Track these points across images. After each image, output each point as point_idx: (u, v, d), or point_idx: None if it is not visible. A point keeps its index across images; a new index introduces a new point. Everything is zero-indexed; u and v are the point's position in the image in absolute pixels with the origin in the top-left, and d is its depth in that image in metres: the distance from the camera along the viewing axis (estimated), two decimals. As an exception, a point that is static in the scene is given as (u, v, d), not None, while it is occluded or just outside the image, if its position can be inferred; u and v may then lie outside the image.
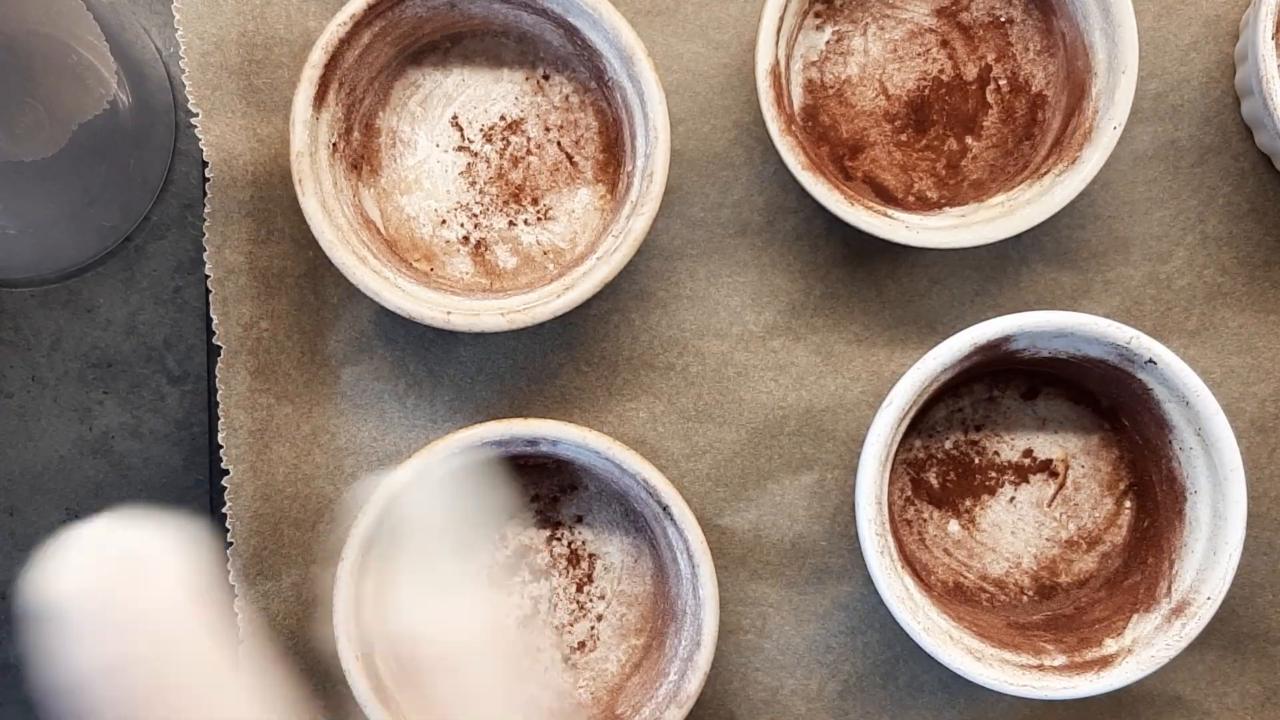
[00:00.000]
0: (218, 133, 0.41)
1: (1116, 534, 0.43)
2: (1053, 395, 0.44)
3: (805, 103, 0.43)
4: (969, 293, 0.43)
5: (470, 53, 0.43)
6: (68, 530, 0.27)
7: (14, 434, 0.44)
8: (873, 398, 0.43)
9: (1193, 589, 0.39)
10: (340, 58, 0.40)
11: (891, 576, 0.39)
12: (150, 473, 0.44)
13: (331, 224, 0.40)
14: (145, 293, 0.44)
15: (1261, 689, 0.44)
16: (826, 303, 0.43)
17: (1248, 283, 0.43)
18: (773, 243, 0.43)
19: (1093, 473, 0.44)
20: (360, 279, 0.39)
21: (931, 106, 0.43)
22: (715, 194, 0.43)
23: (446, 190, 0.43)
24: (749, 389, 0.43)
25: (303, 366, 0.42)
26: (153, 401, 0.44)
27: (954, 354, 0.39)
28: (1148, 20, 0.42)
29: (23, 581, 0.44)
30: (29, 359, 0.44)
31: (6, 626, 0.44)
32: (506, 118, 0.43)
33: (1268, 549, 0.43)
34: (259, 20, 0.41)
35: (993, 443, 0.43)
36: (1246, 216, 0.43)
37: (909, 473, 0.43)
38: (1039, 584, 0.43)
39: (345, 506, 0.42)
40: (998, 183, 0.43)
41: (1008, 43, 0.43)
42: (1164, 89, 0.43)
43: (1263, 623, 0.43)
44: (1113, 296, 0.43)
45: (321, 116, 0.40)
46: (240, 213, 0.41)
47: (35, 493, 0.44)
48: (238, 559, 0.41)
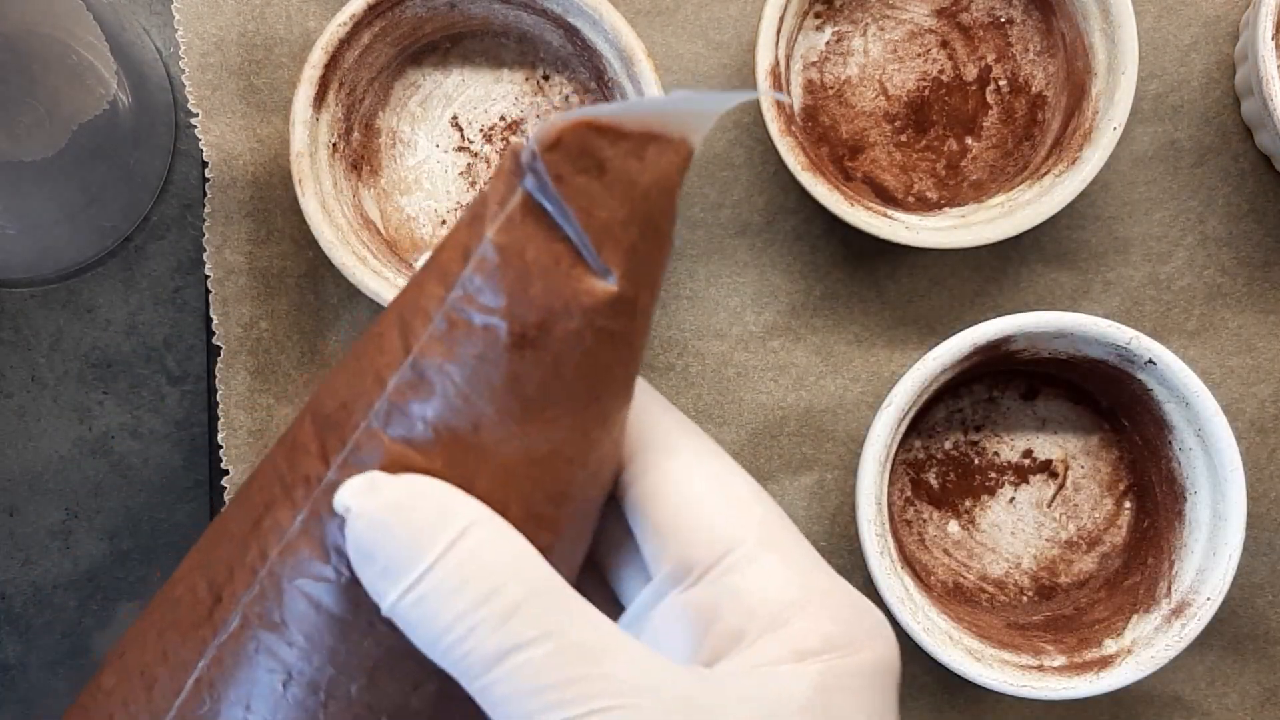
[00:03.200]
0: (218, 133, 0.41)
1: (1116, 534, 0.43)
2: (1053, 396, 0.44)
3: (805, 103, 0.43)
4: (969, 293, 0.43)
5: (470, 53, 0.43)
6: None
7: (14, 434, 0.44)
8: (873, 398, 0.43)
9: (1192, 589, 0.39)
10: (340, 58, 0.40)
11: (891, 577, 0.39)
12: (150, 473, 0.44)
13: (331, 224, 0.40)
14: (145, 293, 0.44)
15: (1261, 689, 0.44)
16: (826, 303, 0.43)
17: (1248, 283, 0.43)
18: (773, 243, 0.43)
19: (1092, 473, 0.44)
20: (360, 279, 0.39)
21: (931, 107, 0.43)
22: (715, 194, 0.43)
23: (447, 191, 0.43)
24: (749, 389, 0.43)
25: (303, 366, 0.42)
26: (153, 401, 0.44)
27: (954, 354, 0.39)
28: (1148, 21, 0.42)
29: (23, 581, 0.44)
30: (29, 359, 0.44)
31: (6, 626, 0.44)
32: (507, 118, 0.43)
33: (1268, 549, 0.43)
34: (259, 20, 0.41)
35: (992, 443, 0.44)
36: (1246, 217, 0.43)
37: (909, 473, 0.43)
38: (1039, 584, 0.43)
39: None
40: (998, 183, 0.43)
41: (1008, 43, 0.43)
42: (1164, 89, 0.43)
43: (1263, 623, 0.43)
44: (1113, 297, 0.43)
45: (321, 117, 0.40)
46: (240, 213, 0.41)
47: (35, 493, 0.44)
48: (237, 559, 0.41)
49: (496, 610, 0.21)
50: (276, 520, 0.23)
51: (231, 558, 0.23)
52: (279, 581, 0.22)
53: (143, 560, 0.44)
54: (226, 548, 0.24)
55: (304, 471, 0.22)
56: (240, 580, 0.23)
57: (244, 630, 0.23)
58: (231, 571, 0.23)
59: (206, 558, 0.24)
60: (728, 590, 0.23)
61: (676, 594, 0.23)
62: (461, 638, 0.20)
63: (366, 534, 0.21)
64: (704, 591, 0.23)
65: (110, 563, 0.44)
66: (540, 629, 0.20)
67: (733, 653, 0.22)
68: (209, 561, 0.24)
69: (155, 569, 0.45)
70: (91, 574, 0.44)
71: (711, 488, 0.24)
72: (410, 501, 0.21)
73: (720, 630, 0.22)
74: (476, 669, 0.21)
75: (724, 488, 0.24)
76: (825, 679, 0.22)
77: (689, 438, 0.25)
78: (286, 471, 0.23)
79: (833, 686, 0.22)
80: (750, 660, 0.22)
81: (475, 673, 0.21)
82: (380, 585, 0.21)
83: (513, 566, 0.21)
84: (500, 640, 0.20)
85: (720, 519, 0.23)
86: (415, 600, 0.21)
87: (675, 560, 0.23)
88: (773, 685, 0.21)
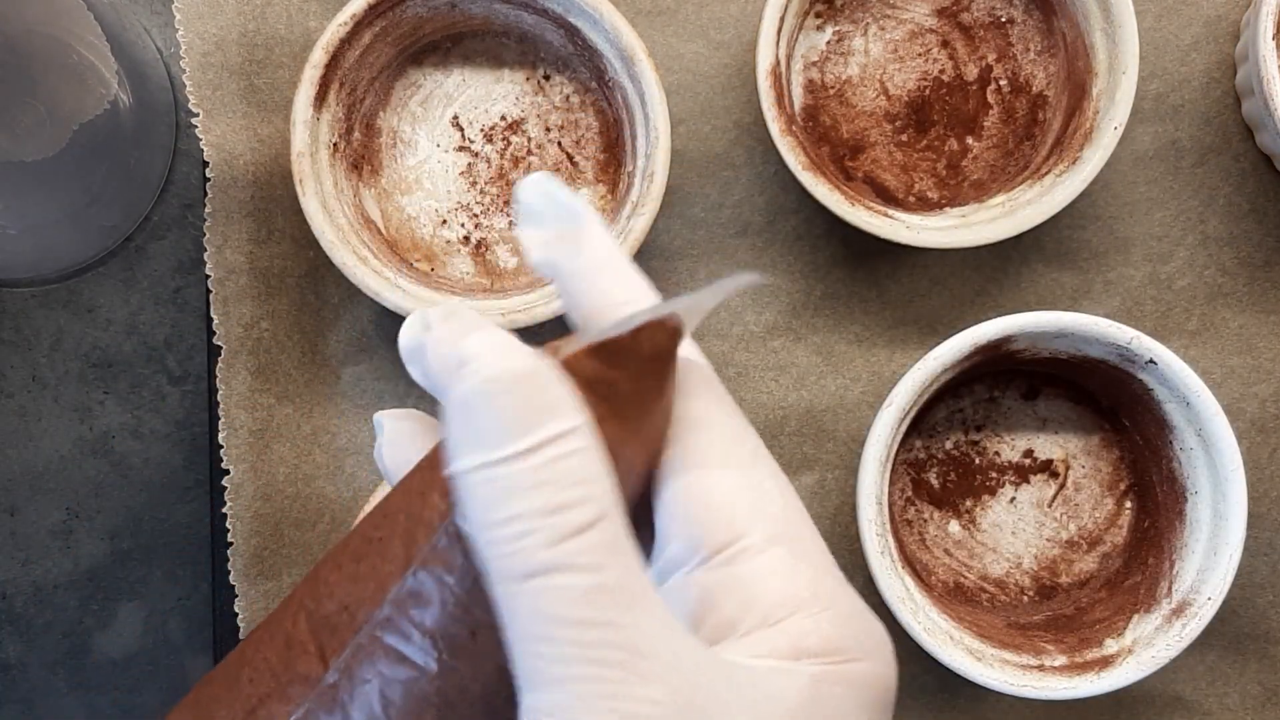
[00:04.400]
0: (218, 133, 0.41)
1: (1117, 534, 0.43)
2: (1053, 395, 0.44)
3: (806, 103, 0.43)
4: (969, 293, 0.43)
5: (471, 53, 0.43)
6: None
7: (14, 434, 0.44)
8: (873, 398, 0.43)
9: (1193, 589, 0.39)
10: (341, 58, 0.40)
11: (892, 577, 0.39)
12: (150, 473, 0.44)
13: (332, 224, 0.40)
14: (145, 293, 0.44)
15: (1261, 689, 0.44)
16: (827, 303, 0.43)
17: (1248, 283, 0.43)
18: (773, 243, 0.43)
19: (1093, 473, 0.44)
20: (360, 279, 0.39)
21: (932, 107, 0.43)
22: (716, 194, 0.43)
23: (447, 190, 0.43)
24: (749, 389, 0.43)
25: (303, 366, 0.42)
26: (153, 401, 0.44)
27: (955, 354, 0.39)
28: (1148, 20, 0.42)
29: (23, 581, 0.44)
30: (29, 359, 0.44)
31: (7, 626, 0.44)
32: (507, 118, 0.43)
33: (1268, 549, 0.43)
34: (260, 20, 0.41)
35: (993, 443, 0.43)
36: (1247, 217, 0.43)
37: (909, 473, 0.43)
38: (1039, 584, 0.43)
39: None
40: (998, 183, 0.43)
41: (1008, 43, 0.43)
42: (1165, 89, 0.43)
43: (1263, 623, 0.43)
44: (1113, 297, 0.43)
45: (322, 116, 0.40)
46: (241, 213, 0.41)
47: (35, 493, 0.44)
48: (238, 559, 0.41)
49: (559, 526, 0.20)
50: (271, 714, 0.23)
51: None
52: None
53: (143, 560, 0.44)
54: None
55: (301, 670, 0.23)
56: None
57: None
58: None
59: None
60: (728, 578, 0.22)
61: (680, 576, 0.23)
62: (514, 536, 0.20)
63: (477, 390, 0.20)
64: (706, 576, 0.22)
65: (110, 562, 0.44)
66: (590, 560, 0.20)
67: (725, 642, 0.22)
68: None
69: (155, 568, 0.45)
70: (92, 574, 0.44)
71: (733, 472, 0.23)
72: (530, 380, 0.21)
73: (716, 619, 0.22)
74: (512, 572, 0.20)
75: (746, 474, 0.23)
76: (819, 684, 0.21)
77: (722, 416, 0.24)
78: (281, 668, 0.23)
79: (825, 694, 0.21)
80: (744, 651, 0.21)
81: (509, 576, 0.20)
82: (460, 446, 0.21)
83: (590, 488, 0.20)
84: (549, 556, 0.20)
85: (736, 505, 0.23)
86: (486, 478, 0.20)
87: (683, 541, 0.23)
88: (764, 681, 0.21)
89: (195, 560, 0.45)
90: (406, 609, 0.22)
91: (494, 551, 0.20)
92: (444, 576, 0.22)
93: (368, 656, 0.22)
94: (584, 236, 0.24)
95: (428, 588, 0.22)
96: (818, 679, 0.21)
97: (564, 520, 0.20)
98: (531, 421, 0.20)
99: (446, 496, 0.22)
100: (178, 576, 0.45)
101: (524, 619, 0.20)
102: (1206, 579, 0.39)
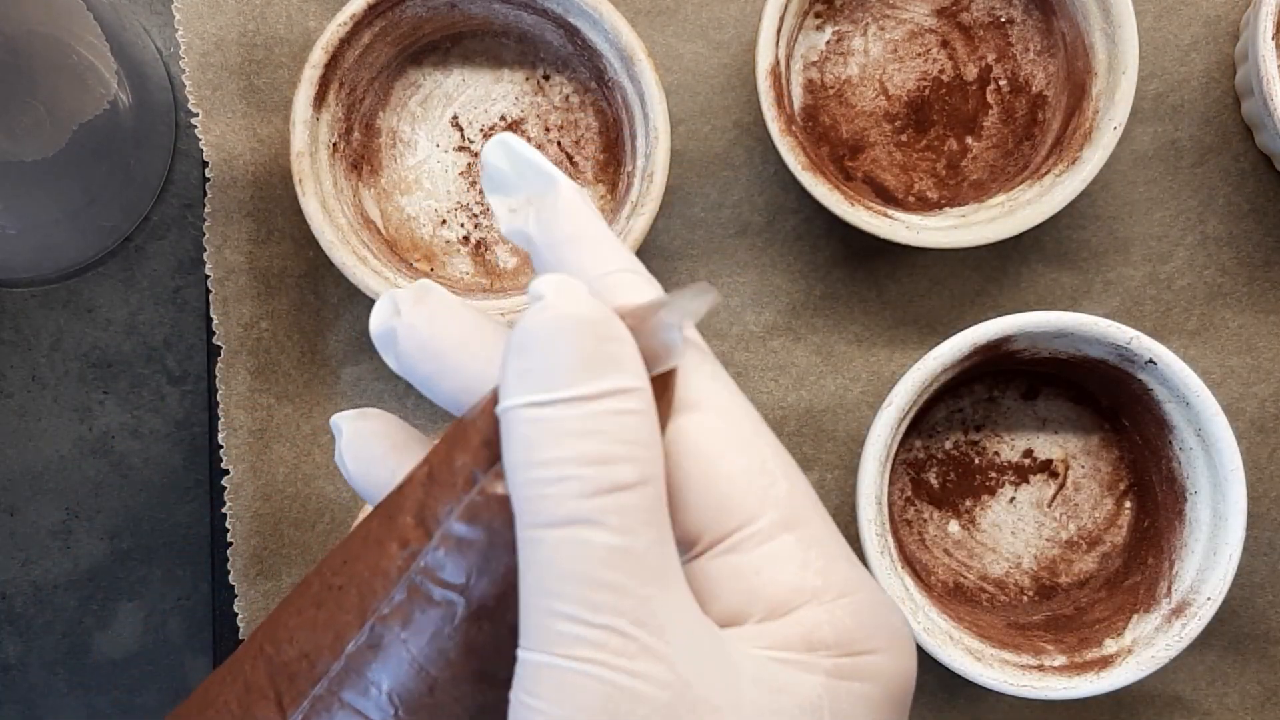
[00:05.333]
0: (218, 133, 0.41)
1: (1116, 534, 0.43)
2: (1053, 395, 0.44)
3: (805, 103, 0.43)
4: (969, 293, 0.43)
5: (470, 53, 0.43)
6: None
7: (14, 434, 0.44)
8: (873, 398, 0.43)
9: (1193, 589, 0.39)
10: (340, 58, 0.40)
11: (891, 577, 0.39)
12: (150, 473, 0.44)
13: (331, 224, 0.40)
14: (145, 293, 0.44)
15: (1261, 689, 0.44)
16: (826, 303, 0.43)
17: (1248, 283, 0.43)
18: (773, 243, 0.43)
19: (1093, 473, 0.44)
20: (360, 279, 0.39)
21: (932, 107, 0.43)
22: (715, 194, 0.43)
23: (447, 190, 0.43)
24: (749, 389, 0.43)
25: (303, 366, 0.42)
26: (153, 401, 0.44)
27: (954, 354, 0.39)
28: (1148, 20, 0.42)
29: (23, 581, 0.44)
30: (29, 359, 0.44)
31: (7, 626, 0.44)
32: (507, 118, 0.43)
33: (1268, 549, 0.43)
34: (259, 20, 0.41)
35: (993, 443, 0.43)
36: (1246, 217, 0.43)
37: (909, 473, 0.43)
38: (1039, 584, 0.43)
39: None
40: (998, 183, 0.43)
41: (1008, 43, 0.43)
42: (1164, 89, 0.43)
43: (1263, 623, 0.43)
44: (1113, 297, 0.43)
45: (322, 116, 0.40)
46: (240, 213, 0.41)
47: (35, 493, 0.44)
48: (238, 559, 0.41)
49: (598, 479, 0.19)
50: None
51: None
52: None
53: (143, 560, 0.44)
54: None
55: (260, 717, 0.23)
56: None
57: None
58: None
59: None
60: (733, 567, 0.21)
61: (682, 564, 0.21)
62: (550, 480, 0.19)
63: (547, 325, 0.19)
64: (709, 565, 0.21)
65: (110, 562, 0.44)
66: (621, 522, 0.19)
67: (733, 633, 0.20)
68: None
69: (155, 568, 0.45)
70: (91, 574, 0.44)
71: (734, 453, 0.21)
72: (602, 328, 0.20)
73: (720, 609, 0.21)
74: (540, 518, 0.19)
75: (748, 455, 0.21)
76: (834, 678, 0.20)
77: (720, 393, 0.22)
78: (240, 713, 0.23)
79: (840, 689, 0.20)
80: (754, 642, 0.20)
81: (536, 521, 0.19)
82: (514, 381, 0.20)
83: (640, 450, 0.19)
84: (580, 507, 0.19)
85: (738, 490, 0.21)
86: (534, 417, 0.19)
87: (681, 528, 0.21)
88: (777, 675, 0.20)
89: (195, 560, 0.45)
90: (364, 664, 0.22)
91: (526, 493, 0.19)
92: (400, 633, 0.21)
93: (325, 709, 0.22)
94: (556, 203, 0.23)
95: (385, 642, 0.21)
96: (832, 673, 0.20)
97: (605, 474, 0.19)
98: (596, 370, 0.19)
99: (405, 546, 0.22)
100: (177, 576, 0.45)
101: (539, 568, 0.19)
102: (1206, 579, 0.39)
